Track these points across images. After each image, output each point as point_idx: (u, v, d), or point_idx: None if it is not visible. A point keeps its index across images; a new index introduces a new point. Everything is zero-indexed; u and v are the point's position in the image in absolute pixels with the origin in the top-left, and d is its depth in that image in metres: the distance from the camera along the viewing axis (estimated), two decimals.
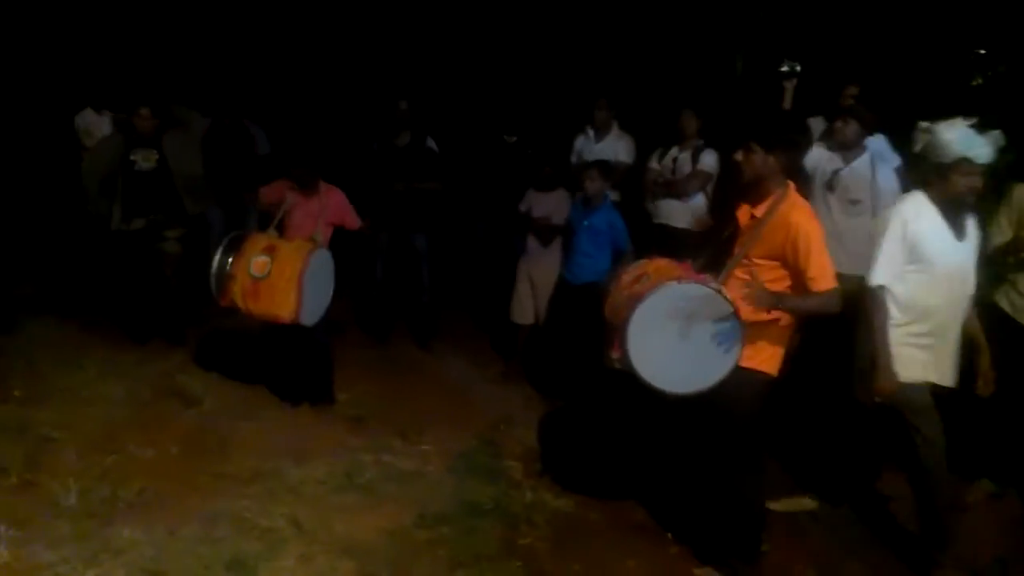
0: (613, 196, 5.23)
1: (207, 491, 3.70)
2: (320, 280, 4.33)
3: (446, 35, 7.54)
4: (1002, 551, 3.50)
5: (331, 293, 4.44)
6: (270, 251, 4.21)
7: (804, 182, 4.40)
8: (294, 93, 7.58)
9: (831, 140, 4.40)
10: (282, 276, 4.15)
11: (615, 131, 5.51)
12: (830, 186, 4.39)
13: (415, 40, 7.54)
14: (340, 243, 4.64)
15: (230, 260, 4.21)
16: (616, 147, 5.44)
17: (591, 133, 5.58)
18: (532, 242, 5.19)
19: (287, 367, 4.65)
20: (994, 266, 3.91)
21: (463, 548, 3.41)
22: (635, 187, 5.42)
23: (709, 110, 5.14)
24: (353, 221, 4.69)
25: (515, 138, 5.92)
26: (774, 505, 3.70)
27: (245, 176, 5.66)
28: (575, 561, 3.38)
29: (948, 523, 3.33)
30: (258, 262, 4.17)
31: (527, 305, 5.23)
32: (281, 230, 4.52)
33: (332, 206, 4.60)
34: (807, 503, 3.80)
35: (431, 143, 5.58)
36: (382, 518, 3.56)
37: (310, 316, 4.28)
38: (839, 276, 3.00)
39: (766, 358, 3.06)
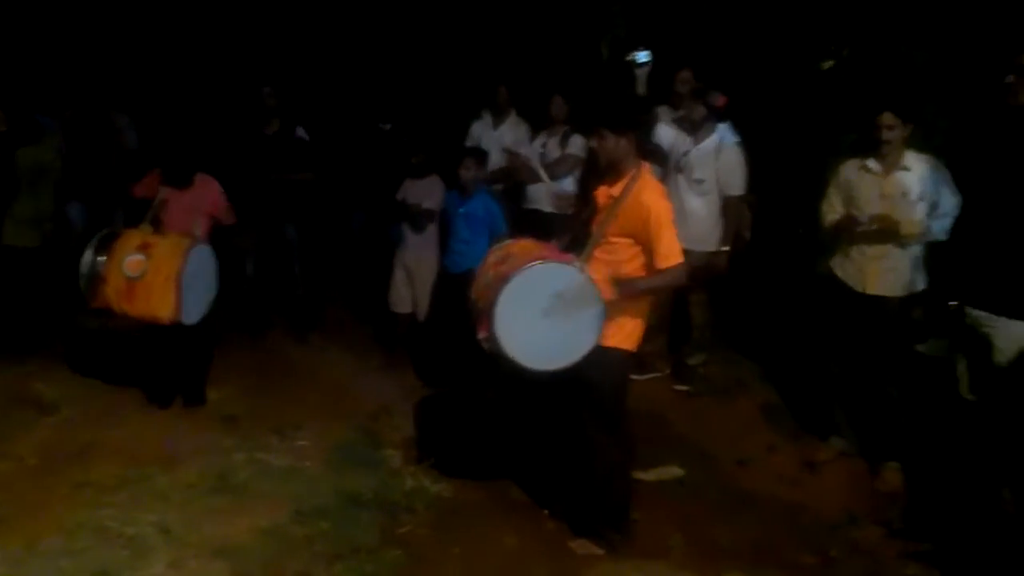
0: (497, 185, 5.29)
1: (68, 502, 3.53)
2: (201, 277, 4.19)
3: (316, 21, 7.35)
4: (851, 506, 3.76)
5: (213, 289, 4.30)
6: (145, 249, 4.03)
7: (663, 160, 4.61)
8: (159, 82, 7.23)
9: (685, 122, 4.61)
10: (159, 275, 3.98)
11: (513, 117, 5.53)
12: (679, 167, 4.60)
13: (284, 26, 7.33)
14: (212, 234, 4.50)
15: (101, 259, 4.00)
16: (516, 133, 5.47)
17: (488, 119, 5.58)
18: (407, 230, 5.17)
19: (154, 367, 4.47)
20: (829, 240, 4.20)
21: (342, 541, 3.39)
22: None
23: (577, 95, 5.26)
24: (228, 215, 4.55)
25: (390, 126, 5.87)
26: (644, 475, 3.86)
27: (110, 170, 5.39)
28: (455, 544, 3.42)
29: None
30: (132, 261, 3.98)
31: (404, 294, 5.21)
32: (156, 225, 4.32)
33: (208, 199, 4.45)
34: (675, 471, 3.98)
35: (301, 132, 5.46)
36: (257, 517, 3.49)
37: (191, 315, 4.12)
38: (686, 252, 3.16)
39: (626, 335, 3.18)
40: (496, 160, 5.36)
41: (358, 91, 6.55)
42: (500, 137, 5.43)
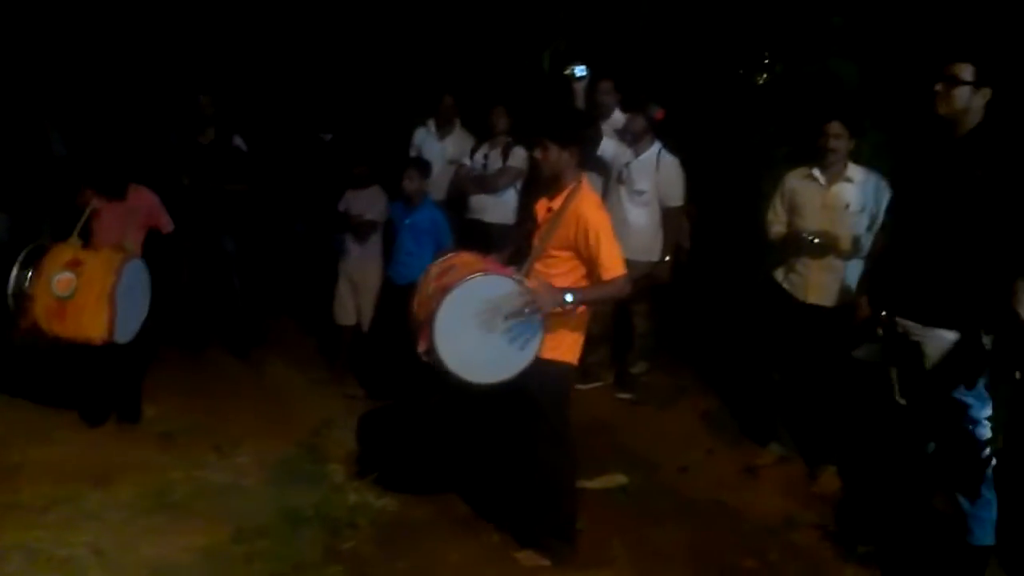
0: (437, 196, 5.28)
1: None
2: (135, 292, 4.06)
3: (255, 28, 7.24)
4: (790, 509, 3.84)
5: (147, 305, 4.17)
6: (74, 266, 3.87)
7: (604, 172, 4.67)
8: (90, 89, 7.02)
9: (625, 134, 4.69)
10: (91, 294, 3.84)
11: (459, 130, 5.54)
12: (620, 178, 4.68)
13: (222, 34, 7.19)
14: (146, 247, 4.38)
15: (29, 276, 3.83)
16: (460, 145, 5.47)
17: (433, 128, 5.56)
18: (350, 241, 5.12)
19: (87, 384, 4.32)
20: (774, 250, 4.31)
21: (282, 559, 3.32)
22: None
23: (519, 107, 5.29)
24: (166, 224, 4.44)
25: (331, 136, 5.82)
26: (589, 484, 3.88)
27: (37, 179, 5.20)
28: (399, 560, 3.38)
29: None
30: (61, 280, 3.82)
31: (348, 306, 5.16)
32: (86, 237, 4.18)
33: (143, 209, 4.33)
34: (619, 479, 4.02)
35: (239, 141, 5.37)
36: (195, 536, 3.40)
37: (125, 333, 3.99)
38: (629, 263, 3.20)
39: (567, 348, 3.20)
40: (439, 171, 5.35)
41: (298, 100, 6.47)
42: (444, 148, 5.43)
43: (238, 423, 4.46)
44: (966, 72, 3.06)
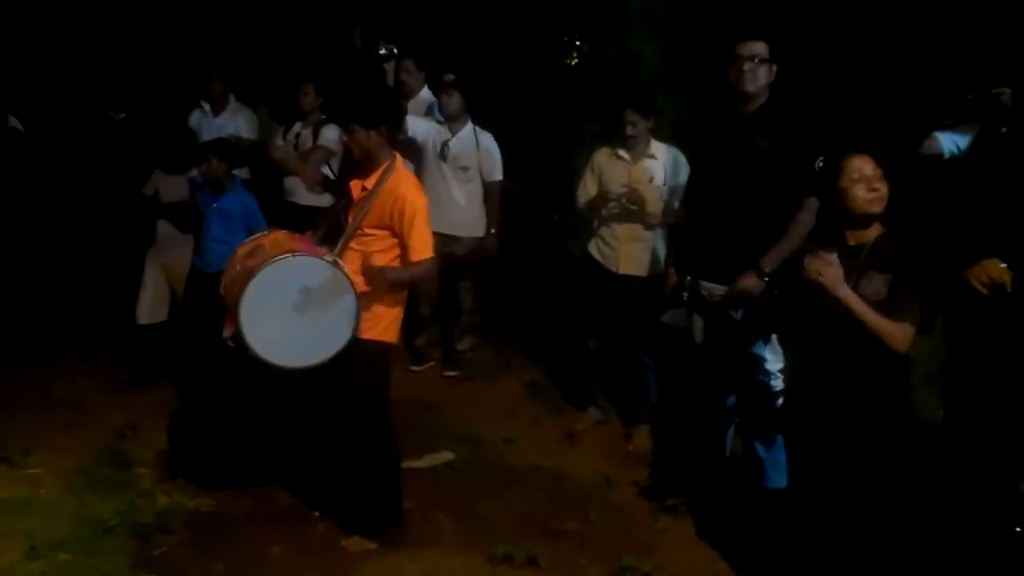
0: (242, 174, 5.02)
1: None
2: None
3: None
4: (607, 470, 4.01)
5: None
6: None
7: (416, 153, 4.65)
8: None
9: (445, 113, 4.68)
10: None
11: (232, 105, 5.27)
12: (442, 156, 4.68)
13: None
14: None
15: None
16: (236, 122, 5.21)
17: (207, 108, 5.28)
18: (165, 229, 4.77)
19: None
20: (584, 221, 4.47)
21: (85, 572, 3.08)
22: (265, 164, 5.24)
23: (330, 85, 5.13)
24: None
25: (123, 115, 5.38)
26: (416, 463, 3.87)
27: None
28: (218, 560, 3.22)
29: None
30: None
31: (158, 299, 4.81)
32: None
33: None
34: (446, 456, 4.03)
35: (14, 122, 4.85)
36: None
37: None
38: (457, 239, 3.19)
39: (385, 327, 3.16)
40: None
41: (84, 77, 5.92)
42: (221, 127, 5.18)
43: (28, 431, 4.06)
44: (764, 50, 3.30)
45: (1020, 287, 2.87)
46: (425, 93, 5.05)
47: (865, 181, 2.66)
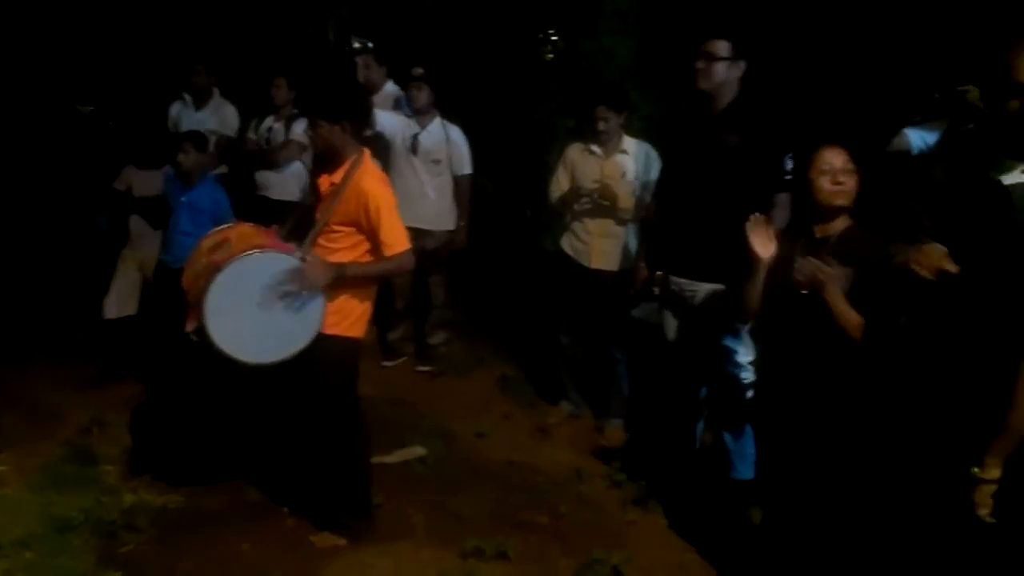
0: (221, 169, 4.98)
1: None
2: None
3: None
4: (579, 463, 4.02)
5: None
6: None
7: (384, 147, 4.63)
8: None
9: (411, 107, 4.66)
10: None
11: (216, 99, 5.21)
12: (413, 150, 4.66)
13: None
14: None
15: None
16: (219, 116, 5.15)
17: (189, 100, 5.22)
18: (138, 224, 4.71)
19: None
20: (557, 216, 4.48)
21: (50, 571, 3.03)
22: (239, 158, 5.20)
23: (303, 79, 5.09)
24: None
25: (91, 108, 5.31)
26: (387, 458, 3.86)
27: None
28: (185, 557, 3.18)
29: None
30: None
31: (127, 295, 4.74)
32: None
33: None
34: (418, 451, 4.01)
35: None
36: None
37: None
38: (428, 233, 3.18)
39: (352, 323, 3.13)
40: None
41: (50, 70, 5.83)
42: (202, 121, 5.12)
43: None
44: (722, 49, 3.33)
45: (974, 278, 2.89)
46: (390, 87, 5.03)
47: (831, 174, 2.69)
